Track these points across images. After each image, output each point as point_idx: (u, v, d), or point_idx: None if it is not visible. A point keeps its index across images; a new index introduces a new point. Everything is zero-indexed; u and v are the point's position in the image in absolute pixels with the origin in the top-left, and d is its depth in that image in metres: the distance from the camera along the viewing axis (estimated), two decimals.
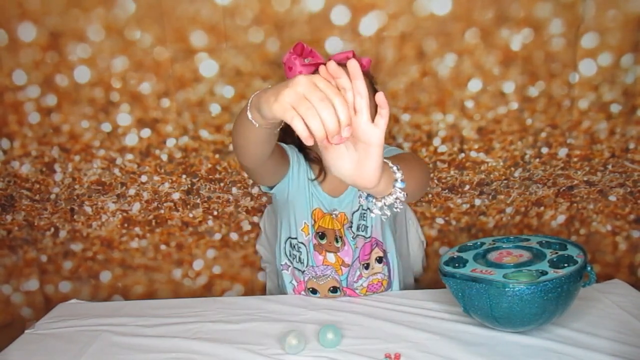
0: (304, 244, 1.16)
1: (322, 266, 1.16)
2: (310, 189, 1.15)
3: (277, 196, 1.17)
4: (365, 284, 1.17)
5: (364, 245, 1.16)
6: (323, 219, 1.15)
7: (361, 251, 1.16)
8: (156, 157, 1.37)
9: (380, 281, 1.18)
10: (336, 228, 1.15)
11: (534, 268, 0.92)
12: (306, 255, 1.17)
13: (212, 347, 0.96)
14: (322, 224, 1.15)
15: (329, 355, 0.91)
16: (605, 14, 1.25)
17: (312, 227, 1.16)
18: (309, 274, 1.17)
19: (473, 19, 1.26)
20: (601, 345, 0.90)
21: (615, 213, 1.41)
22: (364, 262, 1.17)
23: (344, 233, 1.15)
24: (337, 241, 1.15)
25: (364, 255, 1.16)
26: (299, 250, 1.18)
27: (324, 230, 1.15)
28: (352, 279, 1.17)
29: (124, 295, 1.46)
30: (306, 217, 1.15)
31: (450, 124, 1.35)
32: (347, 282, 1.16)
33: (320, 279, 1.16)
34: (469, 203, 1.41)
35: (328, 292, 1.17)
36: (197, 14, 1.26)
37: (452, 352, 0.90)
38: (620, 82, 1.30)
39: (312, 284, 1.17)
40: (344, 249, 1.16)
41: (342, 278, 1.16)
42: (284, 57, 1.13)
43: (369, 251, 1.17)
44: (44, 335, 1.05)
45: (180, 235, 1.43)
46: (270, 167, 1.05)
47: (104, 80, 1.30)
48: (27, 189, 1.39)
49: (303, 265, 1.17)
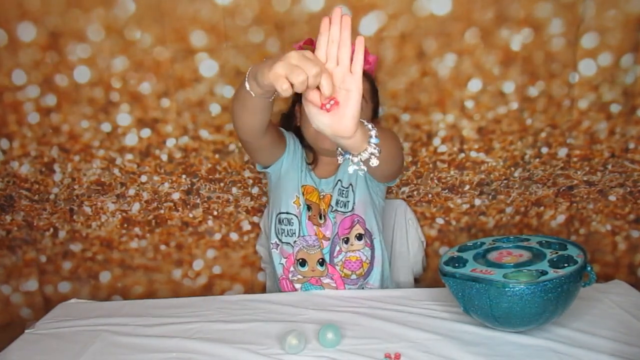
0: (295, 216, 1.20)
1: (314, 236, 1.20)
2: (303, 169, 1.21)
3: (271, 176, 1.23)
4: (344, 258, 1.19)
5: (343, 220, 1.20)
6: (312, 194, 1.21)
7: (340, 225, 1.19)
8: (156, 157, 1.37)
9: (359, 260, 1.20)
10: (321, 206, 1.20)
11: (534, 268, 0.92)
12: (298, 226, 1.20)
13: (212, 347, 0.96)
14: (310, 198, 1.21)
15: (329, 355, 0.90)
16: (605, 14, 1.25)
17: (303, 199, 1.21)
18: (299, 244, 1.20)
19: (473, 19, 1.26)
20: (601, 345, 0.90)
21: (615, 213, 1.41)
22: (344, 237, 1.20)
23: (327, 212, 1.20)
24: (320, 217, 1.20)
25: (343, 229, 1.20)
26: (290, 223, 1.20)
27: (310, 203, 1.20)
28: (332, 254, 1.20)
29: (124, 296, 1.46)
30: (297, 191, 1.20)
31: (450, 124, 1.35)
32: (329, 257, 1.20)
33: (311, 248, 1.20)
34: (469, 203, 1.41)
35: (316, 265, 1.19)
36: (197, 14, 1.26)
37: (452, 352, 0.90)
38: (620, 82, 1.30)
39: (303, 254, 1.20)
40: (325, 224, 1.20)
41: (325, 252, 1.20)
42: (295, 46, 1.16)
43: (349, 226, 1.20)
44: (44, 335, 1.05)
45: (180, 236, 1.43)
46: (267, 144, 1.13)
47: (104, 80, 1.30)
48: (27, 189, 1.39)
49: (294, 237, 1.20)
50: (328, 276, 1.20)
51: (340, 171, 1.21)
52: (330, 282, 1.20)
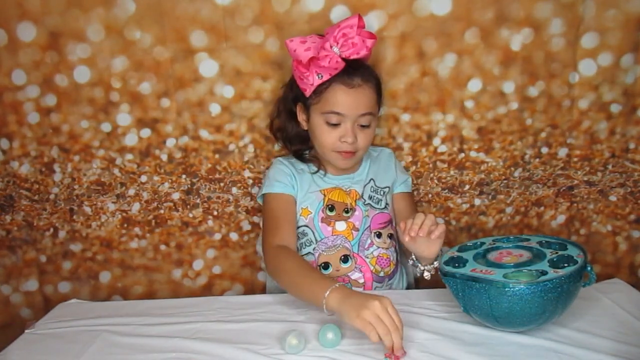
0: (306, 226, 1.21)
1: (332, 236, 1.20)
2: (311, 181, 1.23)
3: None
4: (376, 253, 1.21)
5: (377, 215, 1.22)
6: (333, 192, 1.22)
7: (373, 219, 1.22)
8: (156, 157, 1.37)
9: (389, 258, 1.22)
10: (348, 201, 1.22)
11: (534, 268, 0.92)
12: (312, 234, 1.20)
13: (212, 347, 0.96)
14: (332, 197, 1.22)
15: (329, 355, 0.91)
16: (605, 14, 1.25)
17: (322, 202, 1.22)
18: (319, 249, 1.20)
19: (473, 19, 1.26)
20: (601, 345, 0.90)
21: (615, 213, 1.41)
22: (376, 230, 1.21)
23: (356, 204, 1.22)
24: (346, 212, 1.22)
25: (376, 223, 1.22)
26: (305, 234, 1.21)
27: (333, 202, 1.21)
28: (362, 245, 1.20)
29: (124, 296, 1.46)
30: (302, 203, 1.22)
31: (450, 124, 1.35)
32: (357, 247, 1.20)
33: (331, 249, 1.20)
34: (468, 203, 1.41)
35: (340, 263, 1.19)
36: (197, 14, 1.26)
37: (452, 352, 0.90)
38: (620, 82, 1.29)
39: (324, 259, 1.19)
40: (354, 215, 1.22)
41: (353, 243, 1.20)
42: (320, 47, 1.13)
43: (384, 221, 1.23)
44: (44, 335, 1.05)
45: (180, 236, 1.43)
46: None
47: (104, 80, 1.30)
48: (27, 189, 1.38)
49: (312, 245, 1.21)
50: (357, 268, 1.19)
51: (370, 170, 1.27)
52: (359, 277, 1.19)
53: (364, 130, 1.17)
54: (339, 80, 1.12)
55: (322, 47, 1.11)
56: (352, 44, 1.10)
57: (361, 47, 1.12)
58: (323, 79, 1.12)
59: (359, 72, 1.13)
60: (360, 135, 1.16)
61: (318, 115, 1.16)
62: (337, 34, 1.10)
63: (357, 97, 1.13)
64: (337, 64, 1.10)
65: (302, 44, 1.13)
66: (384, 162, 1.31)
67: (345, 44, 1.10)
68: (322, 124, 1.16)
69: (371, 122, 1.18)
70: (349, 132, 1.14)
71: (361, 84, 1.13)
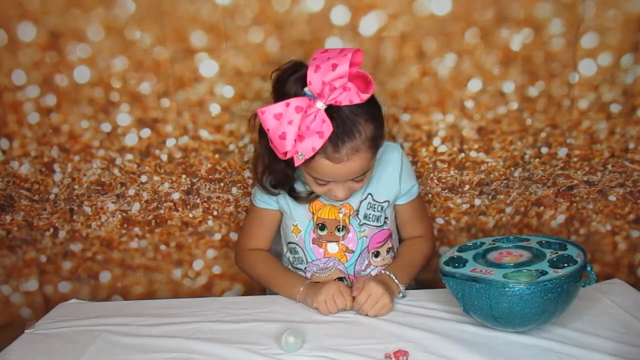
0: (296, 244, 1.19)
1: (324, 259, 1.17)
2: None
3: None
4: (374, 272, 1.18)
5: (376, 234, 1.18)
6: (322, 210, 1.16)
7: (372, 239, 1.17)
8: (156, 157, 1.37)
9: None
10: (339, 219, 1.16)
11: (533, 268, 0.92)
12: (303, 253, 1.18)
13: (212, 347, 0.96)
14: (321, 215, 1.16)
15: (329, 355, 0.91)
16: (605, 14, 1.25)
17: (312, 221, 1.17)
18: (311, 270, 1.18)
19: (473, 19, 1.26)
20: (601, 345, 0.90)
21: (615, 213, 1.41)
22: (374, 250, 1.18)
23: (349, 222, 1.16)
24: (338, 230, 1.16)
25: (375, 243, 1.18)
26: (296, 251, 1.20)
27: (323, 221, 1.16)
28: (359, 267, 1.18)
29: (124, 296, 1.46)
30: (293, 219, 1.18)
31: (450, 124, 1.35)
32: (354, 269, 1.17)
33: (324, 271, 1.17)
34: (468, 203, 1.41)
35: None
36: (197, 14, 1.26)
37: (452, 352, 0.90)
38: (620, 82, 1.29)
39: (316, 279, 1.17)
40: (347, 237, 1.16)
41: (348, 265, 1.17)
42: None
43: (382, 240, 1.19)
44: (44, 335, 1.05)
45: (180, 236, 1.43)
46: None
47: (104, 80, 1.30)
48: (27, 189, 1.39)
49: (303, 264, 1.18)
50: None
51: (370, 184, 1.13)
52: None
53: (358, 183, 1.07)
54: (323, 155, 0.97)
55: (305, 112, 0.93)
56: (344, 97, 0.94)
57: (355, 99, 0.95)
58: (305, 157, 0.96)
59: (347, 140, 0.96)
60: (355, 185, 1.07)
61: (304, 167, 1.05)
62: (325, 88, 0.93)
63: (348, 168, 1.00)
64: (322, 128, 0.92)
65: (276, 119, 0.94)
66: (386, 173, 1.17)
67: (334, 96, 0.94)
68: (310, 178, 1.06)
69: (367, 172, 1.07)
70: (340, 191, 1.05)
71: (351, 155, 0.98)
